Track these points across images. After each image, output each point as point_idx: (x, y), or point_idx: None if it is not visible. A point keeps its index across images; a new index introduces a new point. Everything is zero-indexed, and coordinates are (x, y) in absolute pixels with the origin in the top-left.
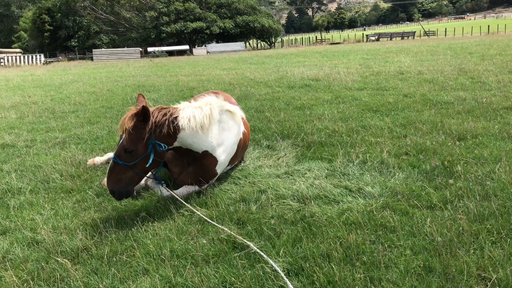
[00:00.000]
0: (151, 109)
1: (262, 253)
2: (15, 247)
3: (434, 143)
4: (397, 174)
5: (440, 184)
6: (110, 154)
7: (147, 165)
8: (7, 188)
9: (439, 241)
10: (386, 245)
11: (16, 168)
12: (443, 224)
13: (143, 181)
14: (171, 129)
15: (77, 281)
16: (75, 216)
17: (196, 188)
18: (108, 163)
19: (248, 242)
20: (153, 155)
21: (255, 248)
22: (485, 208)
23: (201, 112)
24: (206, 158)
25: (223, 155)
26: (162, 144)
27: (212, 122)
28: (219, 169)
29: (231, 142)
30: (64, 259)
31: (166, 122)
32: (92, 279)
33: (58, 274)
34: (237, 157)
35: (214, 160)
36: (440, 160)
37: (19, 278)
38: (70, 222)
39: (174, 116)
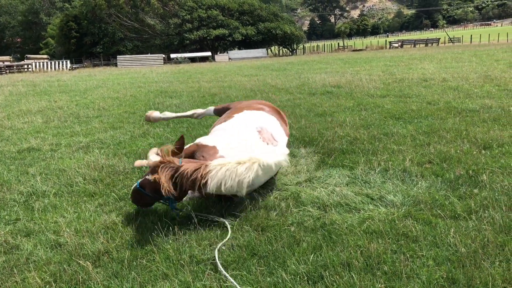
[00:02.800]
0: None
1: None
2: (39, 249)
3: (458, 151)
4: (420, 182)
5: (465, 193)
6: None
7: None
8: (32, 191)
9: (463, 252)
10: (408, 255)
11: (41, 171)
12: (468, 235)
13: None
14: (197, 188)
15: (98, 284)
16: (97, 220)
17: None
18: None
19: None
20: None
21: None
22: (511, 219)
23: (234, 179)
24: None
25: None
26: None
27: (243, 185)
28: None
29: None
30: (86, 262)
31: (196, 184)
32: (112, 282)
33: (80, 277)
34: None
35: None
36: (464, 169)
37: (42, 280)
38: (92, 225)
39: (203, 181)
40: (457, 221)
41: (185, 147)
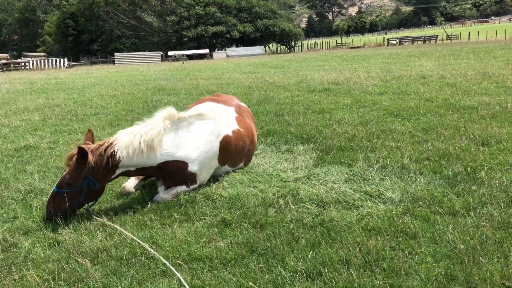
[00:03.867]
0: (90, 148)
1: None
2: (37, 247)
3: (456, 148)
4: (418, 179)
5: (463, 190)
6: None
7: (81, 199)
8: (30, 188)
9: (461, 248)
10: (406, 252)
11: (39, 169)
12: (466, 231)
13: (131, 185)
14: (110, 164)
15: (97, 281)
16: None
17: (184, 188)
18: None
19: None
20: (87, 190)
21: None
22: (509, 216)
23: (139, 139)
24: (168, 165)
25: (194, 153)
26: (96, 183)
27: (153, 143)
28: (195, 166)
29: (203, 140)
30: (84, 260)
31: (104, 160)
32: (111, 280)
33: (78, 274)
34: (232, 156)
35: (180, 162)
36: (463, 166)
37: (40, 278)
38: (90, 223)
39: (110, 151)
40: (455, 217)
41: None
